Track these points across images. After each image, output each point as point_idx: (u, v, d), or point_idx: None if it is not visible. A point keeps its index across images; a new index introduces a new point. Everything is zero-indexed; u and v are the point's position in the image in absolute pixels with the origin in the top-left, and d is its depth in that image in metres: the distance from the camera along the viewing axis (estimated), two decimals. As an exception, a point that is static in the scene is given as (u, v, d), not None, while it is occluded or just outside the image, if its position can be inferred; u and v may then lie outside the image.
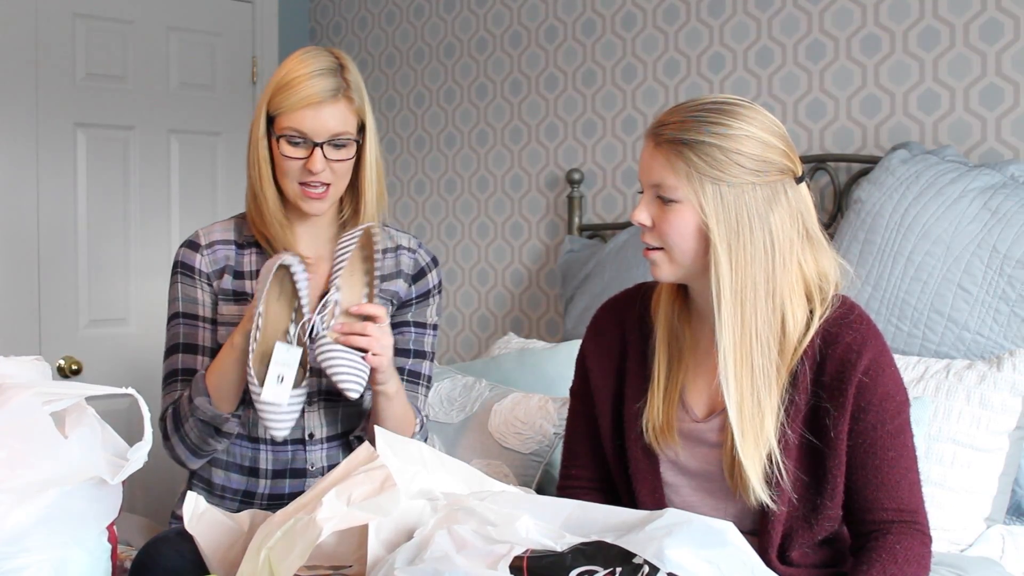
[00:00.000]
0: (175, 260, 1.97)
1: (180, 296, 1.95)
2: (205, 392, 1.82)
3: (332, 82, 1.82)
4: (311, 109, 1.80)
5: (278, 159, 1.85)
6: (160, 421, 1.91)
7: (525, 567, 1.23)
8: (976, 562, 1.83)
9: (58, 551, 1.39)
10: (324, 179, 1.84)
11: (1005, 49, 2.44)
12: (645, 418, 1.62)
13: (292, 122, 1.81)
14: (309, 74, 1.81)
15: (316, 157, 1.81)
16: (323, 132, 1.81)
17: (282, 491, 1.92)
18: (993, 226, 2.17)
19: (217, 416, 1.82)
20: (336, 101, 1.82)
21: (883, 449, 1.52)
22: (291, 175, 1.84)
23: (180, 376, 1.93)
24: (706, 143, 1.49)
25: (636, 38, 3.04)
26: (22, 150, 3.13)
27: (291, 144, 1.82)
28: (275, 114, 1.83)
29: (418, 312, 2.00)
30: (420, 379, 1.98)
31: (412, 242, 2.02)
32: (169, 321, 1.97)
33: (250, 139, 1.88)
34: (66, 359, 3.20)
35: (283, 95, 1.82)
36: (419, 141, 3.54)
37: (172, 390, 1.92)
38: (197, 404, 1.82)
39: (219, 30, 3.57)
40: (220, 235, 1.97)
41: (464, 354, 3.42)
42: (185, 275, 1.95)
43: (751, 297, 1.50)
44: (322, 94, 1.80)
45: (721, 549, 1.23)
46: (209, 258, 1.94)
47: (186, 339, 1.93)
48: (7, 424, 1.39)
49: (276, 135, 1.83)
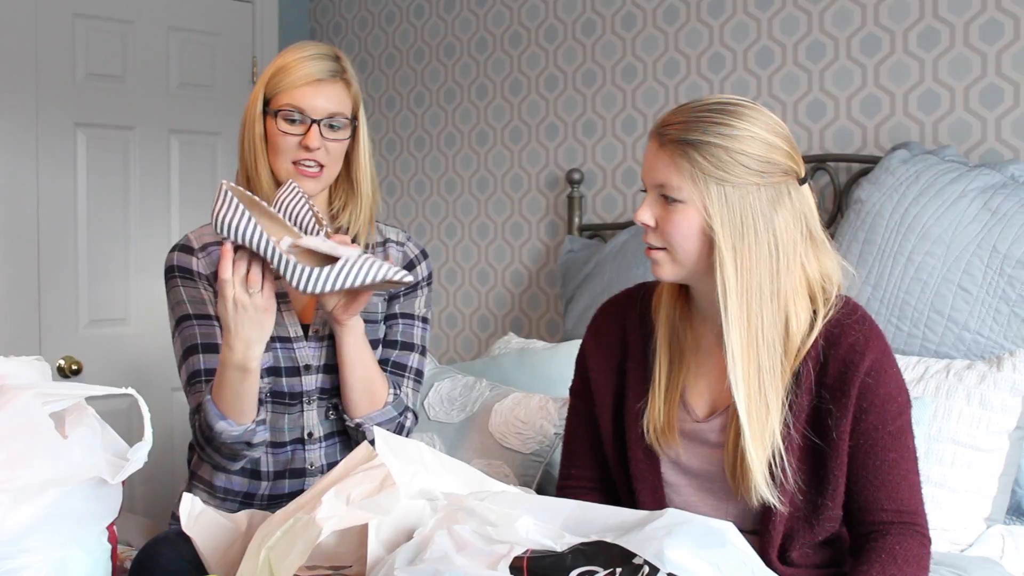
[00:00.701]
0: (169, 265, 1.95)
1: (186, 298, 1.91)
2: (221, 416, 1.78)
3: (331, 64, 1.88)
4: (310, 87, 1.85)
5: (273, 138, 1.86)
6: (192, 425, 1.88)
7: (525, 567, 1.23)
8: (976, 562, 1.83)
9: (58, 551, 1.39)
10: (319, 158, 1.86)
11: (1005, 49, 2.44)
12: (646, 418, 1.62)
13: (290, 99, 1.85)
14: (309, 56, 1.87)
15: (312, 133, 1.84)
16: (321, 110, 1.85)
17: (282, 491, 1.92)
18: (993, 226, 2.17)
19: (244, 432, 1.79)
20: (335, 82, 1.87)
21: (884, 450, 1.52)
22: (286, 152, 1.86)
23: (204, 376, 1.87)
24: (711, 144, 1.49)
25: (636, 38, 3.04)
26: (22, 150, 3.13)
27: (288, 121, 1.85)
28: (272, 94, 1.86)
29: (406, 304, 1.99)
30: (406, 371, 1.96)
31: (400, 235, 2.03)
32: (179, 324, 1.92)
33: (245, 119, 1.90)
34: (66, 359, 3.19)
35: (282, 75, 1.86)
36: (419, 141, 3.54)
37: (199, 391, 1.87)
38: (219, 431, 1.78)
39: (219, 30, 3.57)
40: (211, 238, 1.95)
41: (464, 354, 3.42)
42: (185, 277, 1.92)
43: (756, 298, 1.50)
44: (321, 73, 1.86)
45: (721, 549, 1.23)
46: (205, 260, 1.93)
47: (204, 339, 1.89)
48: (7, 425, 1.39)
49: (273, 111, 1.86)
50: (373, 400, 1.88)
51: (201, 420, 1.82)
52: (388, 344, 1.97)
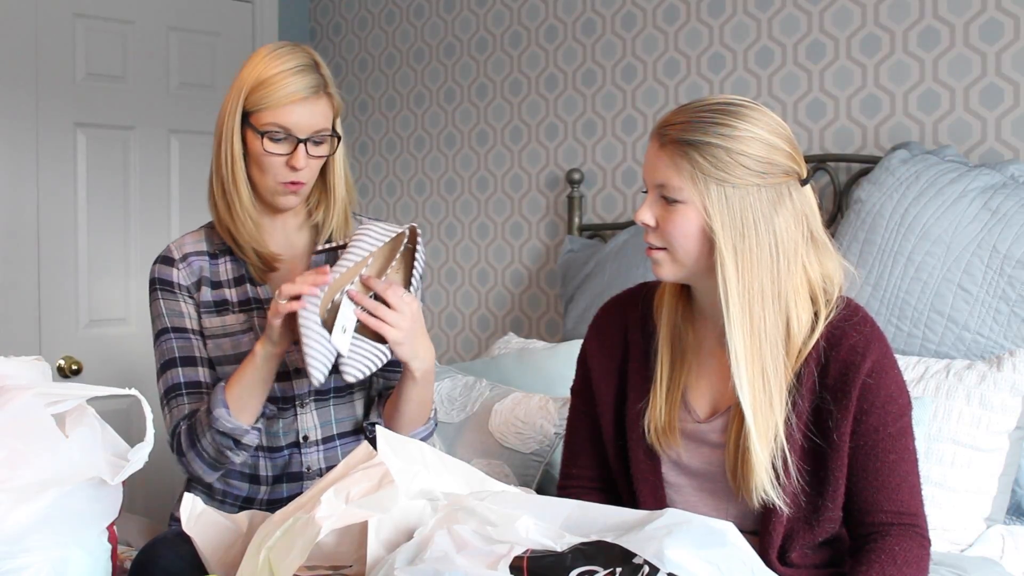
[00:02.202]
0: (152, 277, 1.95)
1: (165, 312, 1.92)
2: (224, 404, 1.79)
3: (313, 79, 1.83)
4: (296, 105, 1.80)
5: (257, 156, 1.83)
6: (171, 437, 1.89)
7: (525, 567, 1.23)
8: (976, 562, 1.83)
9: (58, 551, 1.39)
10: (302, 177, 1.84)
11: (1005, 49, 2.44)
12: (647, 418, 1.61)
13: (275, 117, 1.80)
14: (291, 71, 1.81)
15: (299, 154, 1.82)
16: (307, 128, 1.82)
17: (280, 495, 1.92)
18: (993, 226, 2.17)
19: (238, 428, 1.80)
20: (319, 98, 1.83)
21: (884, 452, 1.52)
22: (271, 172, 1.84)
23: (185, 389, 1.89)
24: (711, 144, 1.49)
25: (636, 38, 3.04)
26: (22, 150, 3.13)
27: (273, 140, 1.82)
28: (253, 110, 1.82)
29: None
30: None
31: None
32: (157, 338, 1.93)
33: (220, 136, 1.86)
34: (66, 359, 3.20)
35: (264, 91, 1.81)
36: (419, 141, 3.54)
37: (178, 404, 1.89)
38: (216, 416, 1.79)
39: (219, 30, 3.57)
40: (192, 247, 1.95)
41: (464, 354, 3.42)
42: (165, 290, 1.92)
43: (758, 299, 1.50)
44: (306, 91, 1.81)
45: (721, 549, 1.23)
46: (186, 271, 1.93)
47: (181, 352, 1.91)
48: (8, 424, 1.39)
49: (259, 131, 1.82)
50: (425, 415, 1.90)
51: (201, 415, 1.83)
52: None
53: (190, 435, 1.85)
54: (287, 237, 1.94)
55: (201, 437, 1.83)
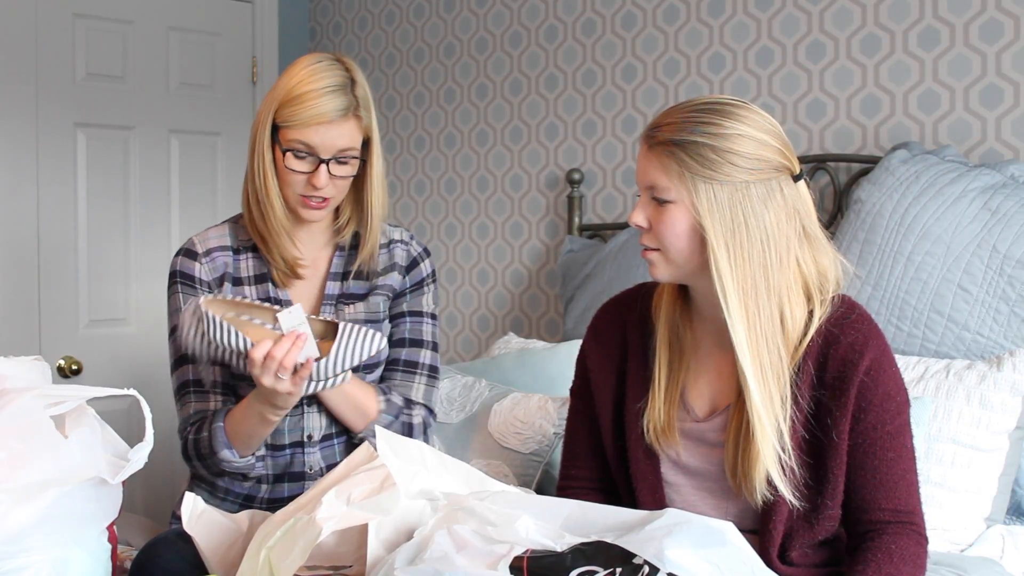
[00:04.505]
0: (173, 269, 1.95)
1: (183, 306, 1.92)
2: (228, 445, 1.83)
3: (343, 100, 1.81)
4: (321, 127, 1.80)
5: (282, 171, 1.85)
6: (180, 436, 1.92)
7: (525, 567, 1.23)
8: (976, 562, 1.83)
9: (58, 551, 1.39)
10: (325, 193, 1.85)
11: (1005, 49, 2.44)
12: (646, 418, 1.62)
13: (300, 136, 1.81)
14: (321, 91, 1.80)
15: (321, 173, 1.82)
16: (330, 149, 1.82)
17: (281, 495, 1.92)
18: (993, 226, 2.17)
19: (247, 466, 1.85)
20: (346, 119, 1.82)
21: (882, 450, 1.52)
22: (293, 186, 1.85)
23: (193, 387, 1.92)
24: (698, 143, 1.49)
25: (636, 38, 3.04)
26: (22, 150, 3.13)
27: (297, 158, 1.83)
28: (282, 125, 1.83)
29: (413, 301, 2.00)
30: (418, 368, 1.97)
31: (404, 235, 2.03)
32: (173, 332, 1.94)
33: (253, 147, 1.87)
34: (66, 359, 3.20)
35: (293, 109, 1.81)
36: (419, 141, 3.54)
37: (187, 402, 1.92)
38: (223, 458, 1.83)
39: (219, 30, 3.57)
40: (216, 242, 1.96)
41: (464, 354, 3.42)
42: (185, 284, 1.93)
43: (753, 294, 1.51)
44: (333, 113, 1.80)
45: (721, 549, 1.23)
46: (208, 266, 1.93)
47: None
48: (8, 425, 1.39)
49: (283, 147, 1.83)
50: (366, 415, 1.91)
51: (204, 441, 1.85)
52: (396, 343, 1.97)
53: (197, 449, 1.88)
54: (314, 244, 1.96)
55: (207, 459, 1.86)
